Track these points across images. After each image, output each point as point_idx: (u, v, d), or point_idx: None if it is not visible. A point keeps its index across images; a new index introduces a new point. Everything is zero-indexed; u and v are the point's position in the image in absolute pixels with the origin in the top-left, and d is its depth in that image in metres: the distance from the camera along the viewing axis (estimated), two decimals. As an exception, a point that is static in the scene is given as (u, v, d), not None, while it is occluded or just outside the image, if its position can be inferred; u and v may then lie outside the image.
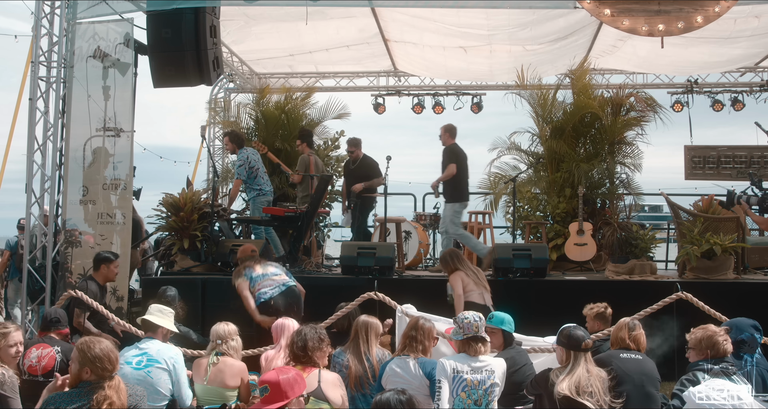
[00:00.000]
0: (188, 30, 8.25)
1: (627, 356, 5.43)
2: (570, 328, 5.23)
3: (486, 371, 5.09)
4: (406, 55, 13.37)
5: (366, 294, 6.91)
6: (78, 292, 7.13)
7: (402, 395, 3.82)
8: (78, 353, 4.26)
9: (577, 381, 4.87)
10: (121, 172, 8.88)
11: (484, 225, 11.22)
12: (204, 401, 5.77)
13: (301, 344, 5.02)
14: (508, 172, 12.76)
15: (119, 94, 8.87)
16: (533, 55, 12.51)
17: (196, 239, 9.45)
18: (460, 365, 5.10)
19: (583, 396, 4.79)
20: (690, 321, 6.50)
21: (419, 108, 14.82)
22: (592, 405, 4.78)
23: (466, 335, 5.20)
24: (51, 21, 8.73)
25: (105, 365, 4.22)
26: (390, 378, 5.36)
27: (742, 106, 13.98)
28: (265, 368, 5.90)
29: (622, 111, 11.86)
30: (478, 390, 5.03)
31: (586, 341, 5.11)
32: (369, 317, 6.01)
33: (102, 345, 4.29)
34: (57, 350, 5.94)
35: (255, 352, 6.68)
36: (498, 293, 9.01)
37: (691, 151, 13.37)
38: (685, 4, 7.83)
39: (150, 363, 5.55)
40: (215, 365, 5.78)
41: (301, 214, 10.01)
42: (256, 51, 13.38)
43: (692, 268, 9.23)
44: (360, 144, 11.57)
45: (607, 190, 11.79)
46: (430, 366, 5.34)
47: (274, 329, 6.13)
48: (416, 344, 5.46)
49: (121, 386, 4.27)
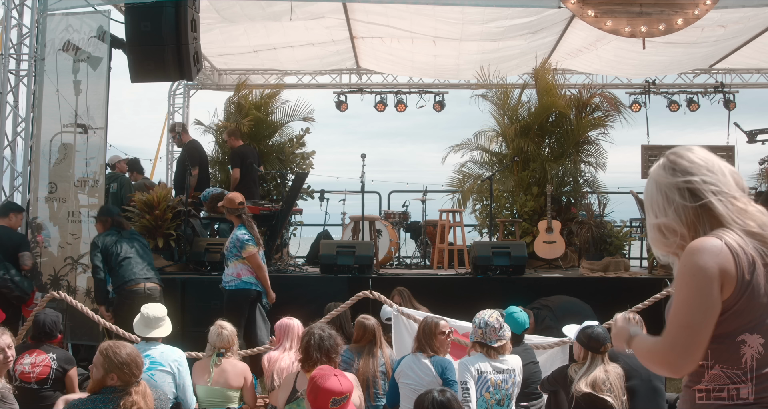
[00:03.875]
0: (169, 24, 8.04)
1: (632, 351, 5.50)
2: (593, 328, 5.22)
3: (508, 370, 5.09)
4: (372, 51, 13.30)
5: (362, 293, 6.84)
6: (61, 293, 6.87)
7: (443, 394, 3.79)
8: (103, 359, 4.09)
9: (595, 379, 4.93)
10: (94, 169, 8.61)
11: (455, 223, 11.25)
12: (206, 403, 5.63)
13: (320, 345, 4.90)
14: (475, 170, 12.89)
15: (92, 89, 8.60)
16: (500, 51, 12.60)
17: (170, 238, 9.23)
18: (484, 365, 5.09)
19: (603, 393, 4.85)
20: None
21: (382, 106, 14.78)
22: (611, 400, 4.83)
23: (488, 342, 5.18)
24: (20, 12, 8.43)
25: (132, 371, 4.09)
26: (403, 374, 5.34)
27: (697, 106, 14.39)
28: (268, 369, 5.78)
29: (588, 110, 12.09)
30: (501, 390, 5.04)
31: (605, 345, 5.15)
32: (370, 319, 6.02)
33: (127, 350, 4.16)
34: (52, 358, 5.72)
35: (249, 352, 6.55)
36: (477, 291, 9.13)
37: (647, 151, 13.59)
38: (666, 7, 8.02)
39: (153, 366, 5.37)
40: (218, 365, 5.65)
41: (276, 212, 9.90)
42: (218, 46, 13.11)
43: (663, 264, 9.46)
44: (185, 128, 11.41)
45: (572, 188, 12.03)
46: (443, 365, 5.32)
47: (278, 329, 6.00)
48: (428, 343, 5.44)
49: (147, 391, 4.14)
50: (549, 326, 7.84)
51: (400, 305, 7.21)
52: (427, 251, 11.82)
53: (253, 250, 7.28)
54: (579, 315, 7.33)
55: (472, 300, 8.36)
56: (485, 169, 12.75)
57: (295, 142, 12.86)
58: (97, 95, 8.59)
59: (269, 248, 10.02)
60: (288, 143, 12.79)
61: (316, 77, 14.95)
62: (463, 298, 8.75)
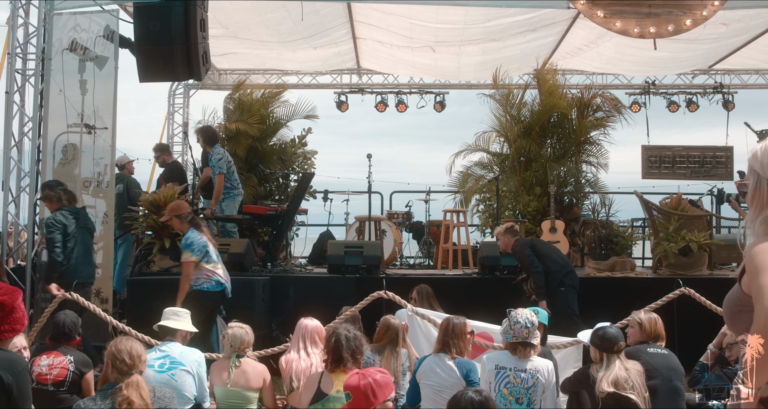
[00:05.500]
0: (178, 23, 7.97)
1: (654, 351, 5.52)
2: (604, 329, 5.25)
3: (531, 371, 5.09)
4: (373, 52, 13.30)
5: (376, 293, 6.82)
6: (73, 294, 6.82)
7: (479, 394, 3.78)
8: (105, 352, 4.20)
9: (617, 378, 4.95)
10: (101, 169, 8.56)
11: (459, 223, 11.27)
12: (225, 404, 5.61)
13: (347, 346, 4.88)
14: (477, 171, 12.92)
15: (99, 89, 8.55)
16: (500, 51, 12.62)
17: (177, 239, 9.17)
18: (504, 362, 5.10)
19: (626, 391, 4.87)
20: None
21: (382, 106, 14.77)
22: (635, 397, 4.85)
23: (516, 339, 5.18)
24: (27, 11, 8.35)
25: (126, 361, 4.12)
26: (426, 375, 5.33)
27: (696, 107, 14.48)
28: (285, 370, 5.73)
29: (589, 111, 12.14)
30: (521, 388, 5.03)
31: (618, 344, 5.16)
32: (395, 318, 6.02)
33: (125, 342, 4.25)
34: (70, 360, 5.66)
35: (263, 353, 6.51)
36: (485, 291, 9.14)
37: (647, 151, 13.71)
38: (675, 8, 8.04)
39: (174, 366, 5.35)
40: (237, 367, 5.62)
41: (282, 212, 9.88)
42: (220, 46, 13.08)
43: (669, 264, 9.50)
44: (167, 149, 11.52)
45: (573, 188, 12.06)
46: (468, 368, 5.32)
47: (298, 329, 5.93)
48: (452, 344, 5.42)
49: (141, 384, 4.13)
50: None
51: (415, 302, 7.20)
52: (430, 251, 11.82)
53: (190, 258, 7.07)
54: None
55: (482, 300, 8.43)
56: (487, 170, 12.79)
57: (297, 142, 12.84)
58: (105, 95, 8.54)
59: (275, 248, 10.01)
60: (290, 143, 12.78)
61: (316, 77, 14.91)
62: (472, 298, 8.78)
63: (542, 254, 8.06)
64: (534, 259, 7.94)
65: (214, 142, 10.32)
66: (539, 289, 7.83)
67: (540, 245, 8.34)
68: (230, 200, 10.18)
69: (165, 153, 11.34)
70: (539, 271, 7.85)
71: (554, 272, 7.91)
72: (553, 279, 7.86)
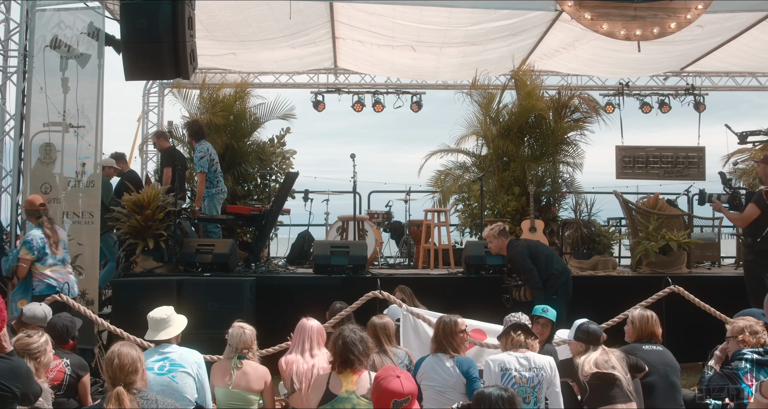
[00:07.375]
0: (165, 21, 7.83)
1: (649, 348, 5.65)
2: (587, 324, 5.49)
3: (534, 368, 5.15)
4: (351, 52, 13.29)
5: (371, 293, 6.83)
6: (63, 296, 6.71)
7: (505, 391, 3.80)
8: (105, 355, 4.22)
9: (596, 360, 5.18)
10: (88, 169, 8.43)
11: (439, 223, 11.31)
12: (226, 406, 5.55)
13: (354, 347, 4.87)
14: (454, 170, 13.00)
15: (82, 87, 8.42)
16: (479, 55, 12.71)
17: (161, 239, 9.06)
18: (507, 363, 5.15)
19: (607, 369, 5.10)
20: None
21: (359, 106, 14.79)
22: (617, 373, 5.03)
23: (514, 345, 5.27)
24: (8, 7, 8.21)
25: (115, 370, 4.10)
26: (425, 375, 5.36)
27: (668, 108, 14.76)
28: (285, 372, 5.68)
29: (567, 112, 12.27)
30: (527, 388, 5.09)
31: (603, 336, 5.42)
32: (382, 318, 6.02)
33: (115, 348, 4.21)
34: (66, 363, 5.57)
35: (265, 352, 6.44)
36: (472, 290, 9.20)
37: (621, 152, 13.89)
38: (660, 11, 8.19)
39: (174, 368, 5.29)
40: (239, 368, 5.58)
41: (266, 212, 9.82)
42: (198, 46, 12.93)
43: (649, 263, 9.66)
44: (165, 135, 11.48)
45: (551, 188, 12.19)
46: (467, 364, 5.37)
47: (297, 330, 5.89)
48: (449, 343, 5.48)
49: (122, 397, 4.01)
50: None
51: (404, 302, 7.23)
52: (411, 250, 11.85)
53: (26, 256, 7.12)
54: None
55: (468, 299, 8.47)
56: (462, 170, 12.88)
57: (276, 142, 12.78)
58: (89, 92, 8.40)
59: (258, 249, 9.96)
60: (269, 143, 12.70)
61: (293, 77, 14.85)
62: (458, 297, 8.81)
63: (546, 257, 8.10)
64: (533, 269, 7.95)
65: (200, 137, 10.26)
66: (535, 286, 7.88)
67: (540, 247, 8.33)
68: (209, 199, 10.09)
69: (161, 138, 11.23)
70: (534, 273, 7.89)
71: (556, 276, 7.97)
72: (552, 285, 7.92)
